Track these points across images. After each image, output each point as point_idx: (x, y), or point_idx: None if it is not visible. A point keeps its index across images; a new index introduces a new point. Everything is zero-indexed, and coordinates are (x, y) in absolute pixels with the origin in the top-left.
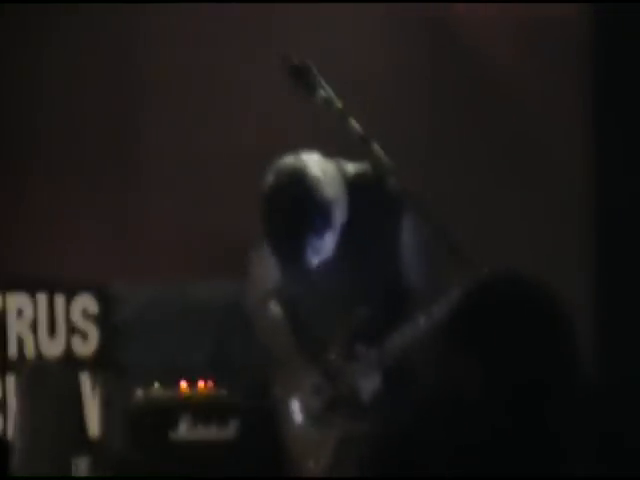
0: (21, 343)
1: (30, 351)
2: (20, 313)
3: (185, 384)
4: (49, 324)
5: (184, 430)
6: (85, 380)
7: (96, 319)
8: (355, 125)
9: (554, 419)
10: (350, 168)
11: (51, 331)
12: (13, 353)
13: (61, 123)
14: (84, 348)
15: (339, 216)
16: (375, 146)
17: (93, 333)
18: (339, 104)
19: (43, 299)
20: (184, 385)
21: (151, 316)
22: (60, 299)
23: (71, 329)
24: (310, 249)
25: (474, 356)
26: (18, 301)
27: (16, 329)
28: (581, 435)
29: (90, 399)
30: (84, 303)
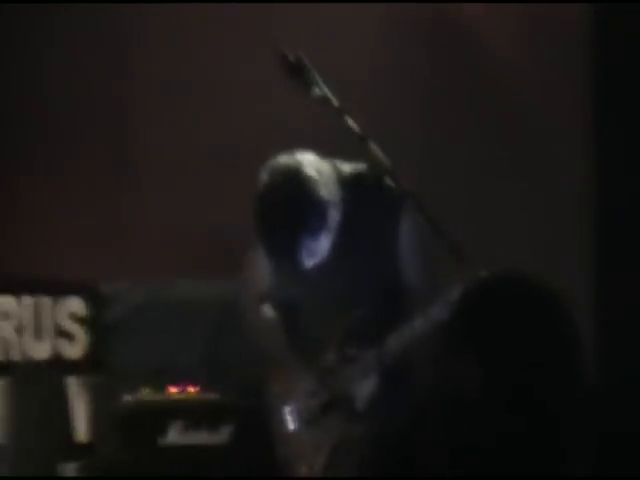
0: (7, 346)
1: (17, 354)
2: (6, 315)
3: (175, 388)
4: (36, 326)
5: (174, 435)
6: (73, 383)
7: (84, 321)
8: (352, 123)
9: (555, 419)
10: (347, 168)
11: (38, 334)
12: None
13: (55, 123)
14: (72, 351)
15: (334, 216)
16: (372, 144)
17: (81, 335)
18: (335, 102)
19: (29, 301)
20: (174, 389)
21: (141, 318)
22: (47, 301)
23: (58, 331)
24: (304, 250)
25: (474, 356)
26: (3, 303)
27: (1, 332)
28: (581, 435)
29: (78, 403)
30: (72, 305)
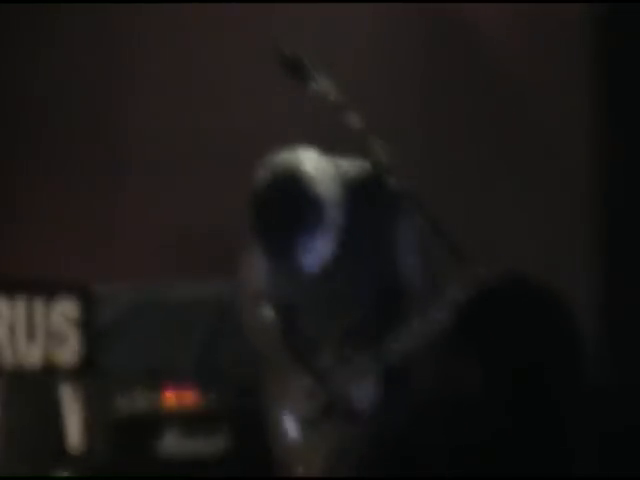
0: None
1: (8, 357)
2: None
3: (171, 392)
4: (28, 328)
5: (170, 440)
6: (66, 387)
7: (77, 323)
8: (352, 120)
9: (561, 421)
10: (347, 166)
11: (30, 336)
12: None
13: (52, 123)
14: (65, 354)
15: (333, 215)
16: (372, 142)
17: (74, 338)
18: (332, 97)
19: (22, 302)
20: (170, 393)
21: (135, 320)
22: (39, 302)
23: (51, 334)
24: (302, 249)
25: (477, 358)
26: None
27: None
28: (587, 436)
29: (71, 407)
30: (65, 306)
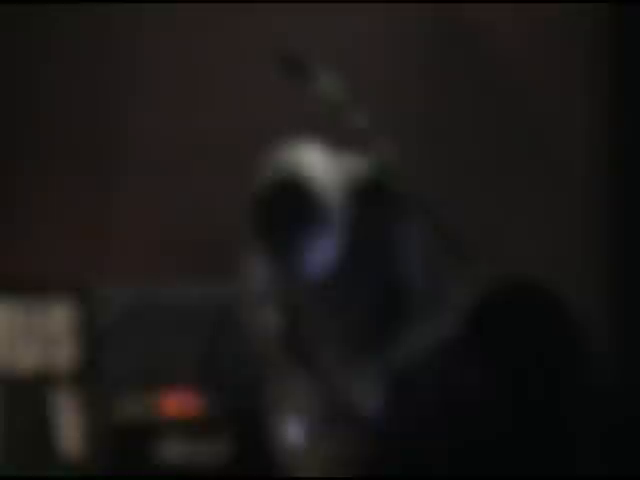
0: None
1: (3, 360)
2: None
3: (170, 398)
4: (24, 330)
5: (170, 448)
6: (62, 392)
7: (75, 325)
8: (354, 118)
9: (568, 423)
10: (351, 166)
11: (27, 338)
12: None
13: (39, 121)
14: (62, 356)
15: (336, 216)
16: (376, 141)
17: (72, 340)
18: (334, 96)
19: (18, 303)
20: (169, 399)
21: (134, 322)
22: (36, 303)
23: (48, 336)
24: (304, 249)
25: (482, 363)
26: None
27: None
28: (599, 440)
29: (68, 412)
30: (62, 308)
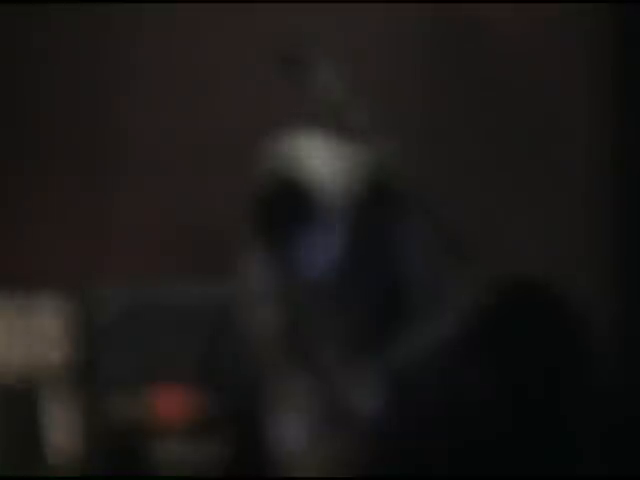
0: None
1: None
2: None
3: (169, 398)
4: (14, 331)
5: (168, 448)
6: (59, 392)
7: (72, 325)
8: (355, 117)
9: (573, 426)
10: (351, 164)
11: (24, 338)
12: None
13: (39, 121)
14: (59, 356)
15: (336, 214)
16: (377, 139)
17: (70, 340)
18: (334, 97)
19: (15, 303)
20: (168, 399)
21: (132, 321)
22: (33, 303)
23: (45, 335)
24: (304, 249)
25: (484, 365)
26: None
27: None
28: (599, 440)
29: (64, 412)
30: (60, 308)
